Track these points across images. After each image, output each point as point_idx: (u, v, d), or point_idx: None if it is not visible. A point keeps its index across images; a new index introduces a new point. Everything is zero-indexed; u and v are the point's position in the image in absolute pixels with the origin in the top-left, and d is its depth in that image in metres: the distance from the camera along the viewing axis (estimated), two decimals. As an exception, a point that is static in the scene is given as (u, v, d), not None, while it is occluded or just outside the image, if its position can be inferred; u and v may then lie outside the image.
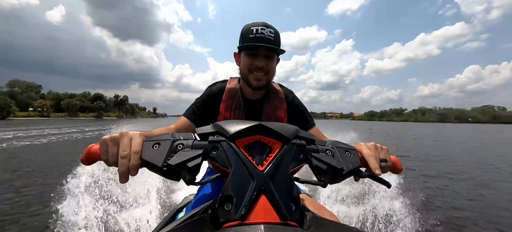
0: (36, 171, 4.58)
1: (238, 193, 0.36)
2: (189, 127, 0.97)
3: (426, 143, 11.49)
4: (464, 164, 6.27)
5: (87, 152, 0.47)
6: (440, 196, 3.56)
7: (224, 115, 1.02)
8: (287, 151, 0.43)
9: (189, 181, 0.41)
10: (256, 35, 0.89)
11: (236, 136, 0.44)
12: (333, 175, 0.46)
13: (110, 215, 2.25)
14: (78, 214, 2.19)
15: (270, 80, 0.99)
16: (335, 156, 0.48)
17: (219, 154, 0.42)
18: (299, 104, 1.11)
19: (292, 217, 0.35)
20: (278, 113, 1.05)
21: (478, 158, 7.35)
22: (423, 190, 3.64)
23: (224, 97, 1.03)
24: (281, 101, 1.07)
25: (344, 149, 0.50)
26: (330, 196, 2.96)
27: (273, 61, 0.96)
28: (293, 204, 0.37)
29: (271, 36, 0.90)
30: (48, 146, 8.12)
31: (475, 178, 4.76)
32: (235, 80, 1.08)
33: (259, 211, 0.34)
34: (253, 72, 0.94)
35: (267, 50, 0.91)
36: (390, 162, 0.55)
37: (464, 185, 4.18)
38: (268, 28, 0.90)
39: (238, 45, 0.96)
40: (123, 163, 0.42)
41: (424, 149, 9.35)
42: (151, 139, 0.45)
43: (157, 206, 2.58)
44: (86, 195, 2.50)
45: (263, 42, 0.88)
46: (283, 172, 0.40)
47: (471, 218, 2.77)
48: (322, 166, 0.45)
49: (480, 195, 3.67)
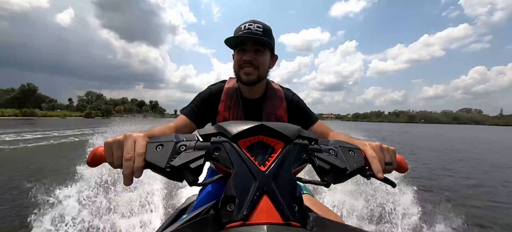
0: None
1: (240, 193, 0.36)
2: (188, 125, 0.97)
3: (372, 134, 16.82)
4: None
5: (93, 154, 0.47)
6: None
7: (223, 114, 1.02)
8: (289, 151, 0.43)
9: (192, 182, 0.42)
10: (243, 31, 0.90)
11: (238, 137, 0.44)
12: (336, 175, 0.46)
13: (110, 215, 2.27)
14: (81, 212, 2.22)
15: (262, 75, 0.96)
16: (338, 156, 0.47)
17: (222, 155, 0.42)
18: (300, 101, 1.09)
19: (294, 218, 0.35)
20: (278, 112, 1.04)
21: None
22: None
23: (222, 97, 1.03)
24: (281, 100, 1.06)
25: (348, 149, 0.49)
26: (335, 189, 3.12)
27: (264, 56, 0.94)
28: (296, 204, 0.37)
29: (259, 30, 0.90)
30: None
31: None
32: (234, 80, 1.07)
33: (262, 211, 0.34)
34: (243, 67, 0.93)
35: (255, 44, 0.92)
36: (395, 163, 0.53)
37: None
38: (255, 24, 0.91)
39: (231, 46, 0.97)
40: (128, 166, 0.42)
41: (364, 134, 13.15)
42: (155, 141, 0.45)
43: (160, 207, 2.59)
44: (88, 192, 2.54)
45: (249, 35, 0.89)
46: (285, 173, 0.39)
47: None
48: (325, 166, 0.45)
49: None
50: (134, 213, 2.37)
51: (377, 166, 0.48)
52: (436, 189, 4.04)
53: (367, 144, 0.53)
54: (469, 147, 10.95)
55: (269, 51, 0.97)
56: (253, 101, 1.04)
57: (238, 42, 0.93)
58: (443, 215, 2.66)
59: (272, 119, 1.02)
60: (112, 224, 2.16)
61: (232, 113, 1.01)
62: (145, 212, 2.44)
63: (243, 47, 0.93)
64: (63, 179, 2.94)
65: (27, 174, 4.33)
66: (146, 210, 2.47)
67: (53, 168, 4.86)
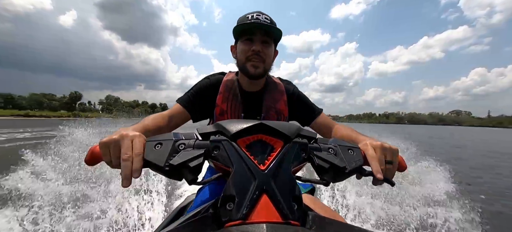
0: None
1: (239, 192, 0.36)
2: (183, 114, 0.94)
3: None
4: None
5: (91, 153, 0.47)
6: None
7: (220, 107, 0.98)
8: (288, 150, 0.43)
9: (191, 181, 0.42)
10: (251, 20, 0.87)
11: (237, 136, 0.44)
12: (335, 173, 0.46)
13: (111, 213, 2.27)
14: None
15: (267, 69, 0.94)
16: (338, 155, 0.47)
17: (221, 154, 0.42)
18: (301, 95, 1.07)
19: (294, 216, 0.35)
20: (278, 105, 1.01)
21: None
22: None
23: (220, 89, 1.00)
24: (281, 93, 1.03)
25: (347, 148, 0.49)
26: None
27: (270, 48, 0.92)
28: (295, 203, 0.37)
29: (267, 21, 0.88)
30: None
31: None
32: (233, 73, 1.04)
33: (261, 210, 0.34)
34: (250, 59, 0.90)
35: (263, 35, 0.89)
36: (396, 163, 0.51)
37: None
38: (263, 15, 0.88)
39: (234, 34, 0.95)
40: (126, 166, 0.41)
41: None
42: (153, 140, 0.45)
43: (159, 206, 2.59)
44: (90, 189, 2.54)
45: (258, 26, 0.86)
46: (284, 171, 0.39)
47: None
48: (324, 164, 0.45)
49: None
50: (134, 212, 2.37)
51: (376, 167, 0.48)
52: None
53: (369, 143, 0.52)
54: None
55: (273, 44, 0.95)
56: (253, 94, 1.01)
57: (246, 30, 0.90)
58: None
59: (272, 113, 0.99)
60: (112, 223, 2.16)
61: (230, 106, 0.98)
62: (146, 210, 2.44)
63: (250, 36, 0.89)
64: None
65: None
66: (146, 209, 2.47)
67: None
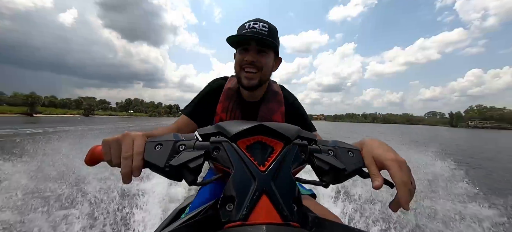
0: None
1: (239, 193, 0.36)
2: (190, 125, 0.94)
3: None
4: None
5: (91, 153, 0.47)
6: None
7: (220, 116, 0.98)
8: (288, 152, 0.43)
9: (191, 182, 0.42)
10: (247, 30, 0.85)
11: (237, 137, 0.44)
12: (335, 175, 0.46)
13: (111, 213, 2.26)
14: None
15: (264, 78, 0.91)
16: (337, 157, 0.47)
17: (221, 155, 0.42)
18: (300, 108, 1.06)
19: (293, 218, 0.35)
20: (274, 116, 0.98)
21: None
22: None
23: (221, 98, 0.99)
24: (279, 104, 1.01)
25: (347, 150, 0.49)
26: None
27: (268, 57, 0.89)
28: (295, 204, 0.37)
29: (264, 30, 0.84)
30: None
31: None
32: (235, 79, 1.01)
33: (261, 211, 0.34)
34: (244, 69, 0.88)
35: (259, 44, 0.86)
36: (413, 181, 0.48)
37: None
38: (261, 23, 0.85)
39: (232, 44, 0.93)
40: (126, 164, 0.42)
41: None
42: (153, 140, 0.45)
43: (159, 207, 2.58)
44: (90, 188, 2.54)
45: (254, 35, 0.83)
46: (284, 173, 0.39)
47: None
48: (324, 166, 0.45)
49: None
50: (134, 212, 2.36)
51: (405, 198, 0.44)
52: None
53: (395, 158, 0.48)
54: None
55: (273, 52, 0.92)
56: (252, 104, 1.00)
57: (241, 41, 0.88)
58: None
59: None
60: (112, 223, 2.15)
61: (229, 116, 0.98)
62: (146, 211, 2.43)
63: (245, 46, 0.87)
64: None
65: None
66: (145, 210, 2.47)
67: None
